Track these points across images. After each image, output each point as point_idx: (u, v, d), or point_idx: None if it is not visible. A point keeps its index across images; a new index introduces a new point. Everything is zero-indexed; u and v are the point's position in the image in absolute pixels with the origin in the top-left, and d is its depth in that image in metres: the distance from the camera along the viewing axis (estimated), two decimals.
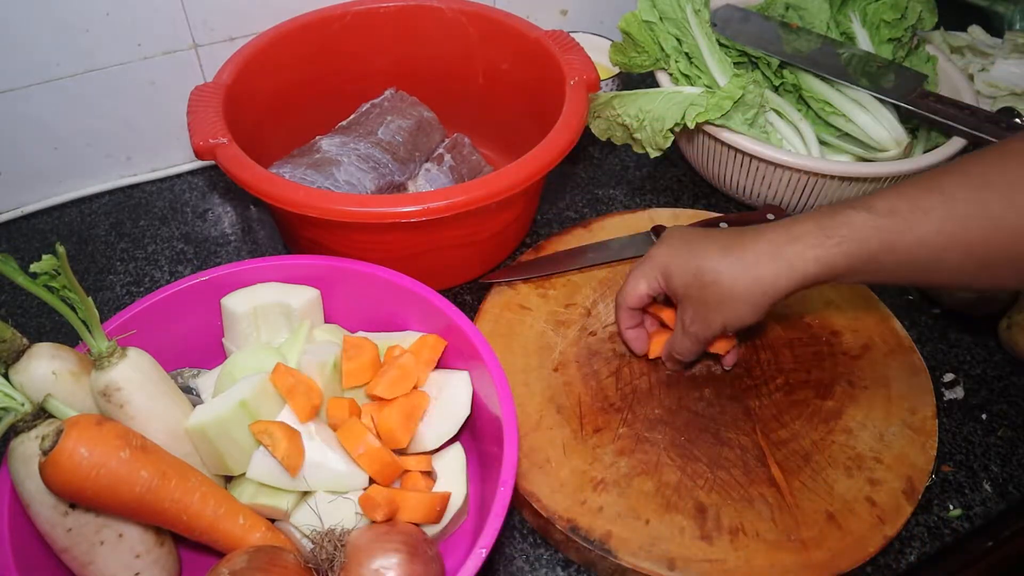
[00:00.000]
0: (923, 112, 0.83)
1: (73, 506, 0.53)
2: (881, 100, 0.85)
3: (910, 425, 0.69)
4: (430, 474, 0.63)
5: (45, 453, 0.50)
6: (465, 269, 0.82)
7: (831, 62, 0.87)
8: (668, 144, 0.85)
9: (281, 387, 0.59)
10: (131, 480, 0.52)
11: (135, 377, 0.57)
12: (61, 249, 0.52)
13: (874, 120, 0.84)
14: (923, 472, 0.66)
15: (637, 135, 0.87)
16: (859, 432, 0.69)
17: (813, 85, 0.88)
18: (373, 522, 0.58)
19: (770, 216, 0.86)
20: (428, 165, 0.86)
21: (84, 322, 0.55)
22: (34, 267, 0.52)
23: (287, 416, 0.60)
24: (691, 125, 0.82)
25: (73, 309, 0.55)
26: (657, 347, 0.72)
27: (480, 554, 0.51)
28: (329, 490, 0.59)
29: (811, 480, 0.66)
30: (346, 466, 0.59)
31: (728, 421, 0.70)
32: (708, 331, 0.64)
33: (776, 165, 0.82)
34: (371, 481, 0.60)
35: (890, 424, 0.70)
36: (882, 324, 0.78)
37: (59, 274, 0.53)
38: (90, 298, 0.55)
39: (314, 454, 0.58)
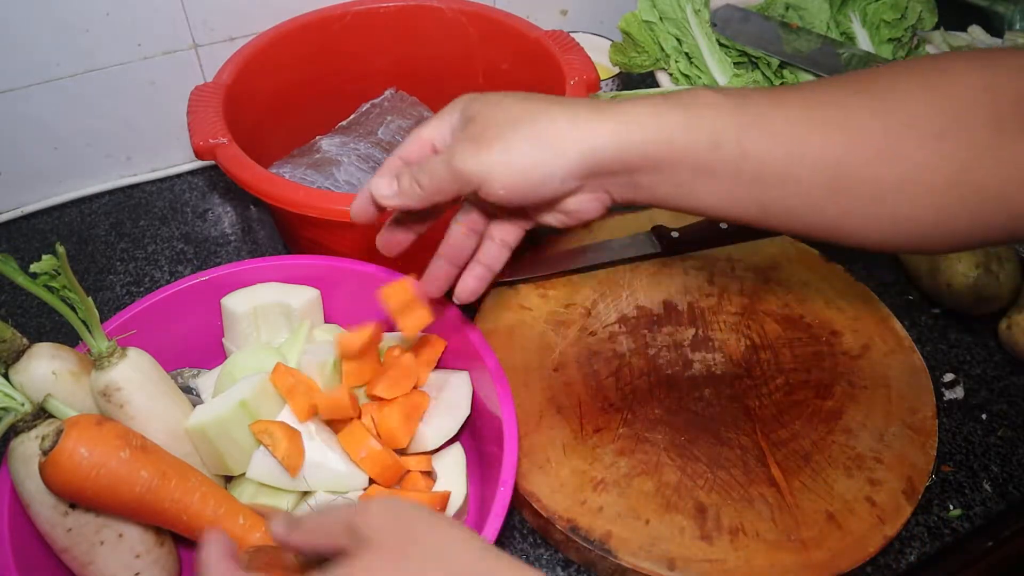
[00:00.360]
0: None
1: (73, 506, 0.53)
2: None
3: (910, 425, 0.69)
4: (430, 474, 0.63)
5: (45, 453, 0.50)
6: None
7: (831, 62, 0.88)
8: None
9: (281, 387, 0.59)
10: (131, 480, 0.52)
11: (135, 377, 0.57)
12: (61, 249, 0.52)
13: None
14: (923, 472, 0.66)
15: None
16: (859, 432, 0.69)
17: None
18: None
19: None
20: None
21: (84, 322, 0.55)
22: (34, 267, 0.52)
23: (287, 416, 0.60)
24: None
25: (73, 309, 0.55)
26: None
27: None
28: (329, 490, 0.59)
29: (811, 480, 0.66)
30: (346, 466, 0.59)
31: (728, 421, 0.70)
32: (473, 159, 0.47)
33: None
34: (371, 481, 0.60)
35: (890, 424, 0.69)
36: (882, 324, 0.78)
37: (59, 274, 0.53)
38: (90, 298, 0.55)
39: (314, 454, 0.58)
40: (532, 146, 0.47)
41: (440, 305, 0.63)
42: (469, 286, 0.57)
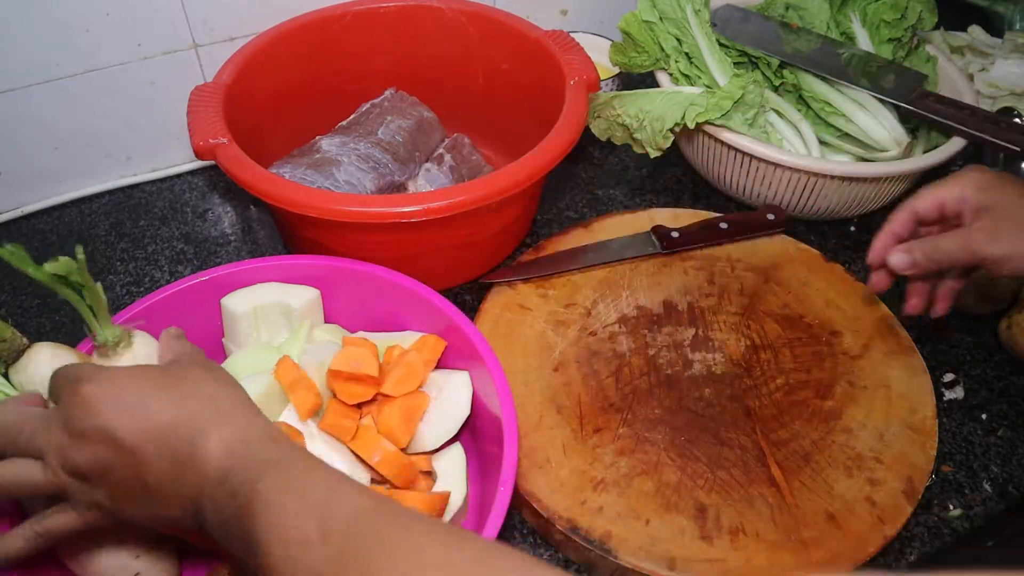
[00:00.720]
0: (923, 112, 0.83)
1: None
2: (881, 100, 0.85)
3: (910, 425, 0.69)
4: (430, 474, 0.63)
5: None
6: (465, 269, 0.82)
7: (831, 62, 0.87)
8: (668, 144, 0.85)
9: (284, 381, 0.59)
10: None
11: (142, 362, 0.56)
12: (82, 256, 0.52)
13: (874, 120, 0.85)
14: (923, 472, 0.66)
15: (637, 135, 0.87)
16: (859, 432, 0.69)
17: (813, 85, 0.88)
18: None
19: (770, 216, 0.86)
20: (428, 165, 0.86)
21: (91, 308, 0.54)
22: (50, 268, 0.51)
23: (288, 416, 0.60)
24: (691, 125, 0.82)
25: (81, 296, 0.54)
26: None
27: None
28: None
29: (811, 480, 0.66)
30: (349, 465, 0.59)
31: (728, 421, 0.70)
32: (986, 247, 0.60)
33: (776, 165, 0.82)
34: (373, 481, 0.60)
35: (890, 424, 0.70)
36: (882, 324, 0.78)
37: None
38: (98, 283, 0.55)
39: (316, 453, 0.58)
40: None
41: None
42: (940, 308, 0.70)
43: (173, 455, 0.45)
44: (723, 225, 0.84)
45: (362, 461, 0.60)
